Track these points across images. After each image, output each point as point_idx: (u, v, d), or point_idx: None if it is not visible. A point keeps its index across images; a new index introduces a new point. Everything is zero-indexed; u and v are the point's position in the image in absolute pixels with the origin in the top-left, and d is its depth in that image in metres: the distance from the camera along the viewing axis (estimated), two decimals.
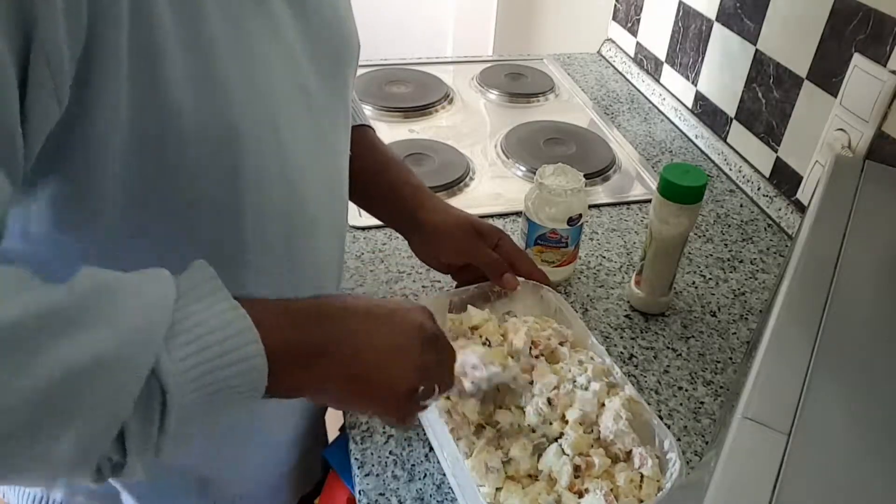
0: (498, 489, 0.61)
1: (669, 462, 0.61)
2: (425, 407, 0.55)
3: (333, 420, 0.89)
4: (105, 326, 0.37)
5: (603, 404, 0.65)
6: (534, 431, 0.64)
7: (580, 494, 0.60)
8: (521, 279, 0.76)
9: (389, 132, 1.21)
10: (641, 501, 0.60)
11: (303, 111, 0.58)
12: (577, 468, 0.61)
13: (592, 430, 0.64)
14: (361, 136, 0.79)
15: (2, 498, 0.72)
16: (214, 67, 0.47)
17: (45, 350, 0.34)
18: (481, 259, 0.74)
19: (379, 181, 0.78)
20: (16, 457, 0.35)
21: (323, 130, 0.62)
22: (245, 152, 0.51)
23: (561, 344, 0.71)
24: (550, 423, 0.64)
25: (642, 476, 0.61)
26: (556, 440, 0.63)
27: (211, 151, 0.49)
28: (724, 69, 1.18)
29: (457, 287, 0.78)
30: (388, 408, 0.52)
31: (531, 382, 0.66)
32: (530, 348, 0.68)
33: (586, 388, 0.65)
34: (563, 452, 0.62)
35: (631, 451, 0.63)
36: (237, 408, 0.43)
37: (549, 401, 0.64)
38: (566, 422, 0.64)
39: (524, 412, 0.65)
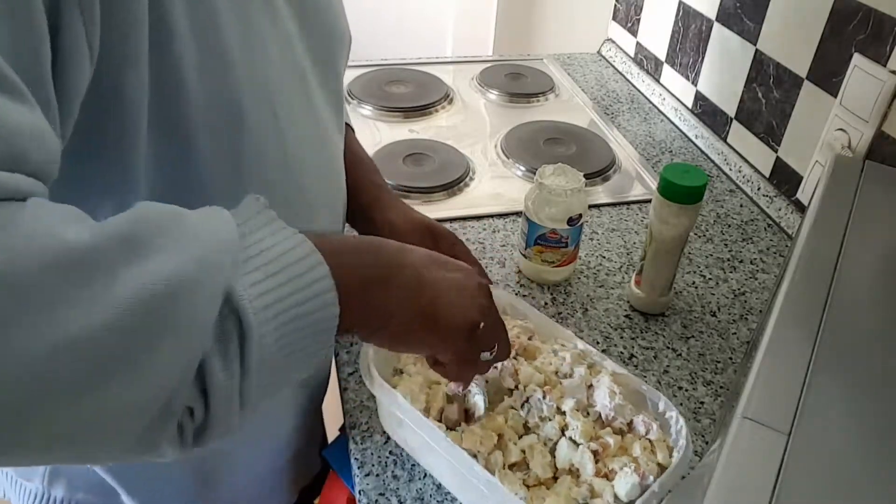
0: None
1: (671, 420, 0.63)
2: (484, 368, 0.55)
3: (333, 420, 0.89)
4: (177, 249, 0.35)
5: (590, 386, 0.66)
6: (531, 432, 0.64)
7: (607, 477, 0.60)
8: None
9: (389, 132, 1.21)
10: (660, 465, 0.61)
11: (300, 98, 0.58)
12: (594, 453, 0.61)
13: (589, 413, 0.65)
14: None
15: (3, 497, 0.72)
16: (220, 47, 0.47)
17: (122, 272, 0.33)
18: None
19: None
20: (100, 400, 0.33)
21: (318, 118, 0.62)
22: (247, 135, 0.51)
23: (529, 339, 0.71)
24: (550, 420, 0.64)
25: (650, 441, 0.63)
26: (562, 434, 0.63)
27: (216, 133, 0.49)
28: (724, 69, 1.18)
29: None
30: (449, 346, 0.51)
31: (516, 386, 0.67)
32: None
33: (571, 376, 0.66)
34: (576, 443, 0.62)
35: (632, 422, 0.64)
36: (313, 350, 0.41)
37: (544, 396, 0.64)
38: (563, 413, 0.64)
39: (521, 415, 0.65)
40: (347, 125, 0.83)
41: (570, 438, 0.63)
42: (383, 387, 0.62)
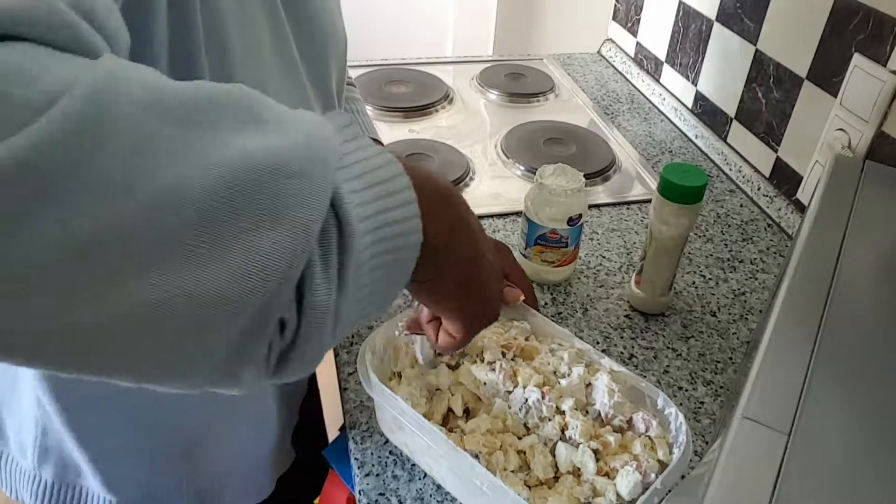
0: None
1: (670, 416, 0.63)
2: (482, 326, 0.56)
3: (334, 420, 0.89)
4: (284, 129, 0.31)
5: (588, 384, 0.66)
6: (531, 433, 0.64)
7: (608, 476, 0.60)
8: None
9: (389, 132, 1.21)
10: (661, 462, 0.61)
11: (293, 89, 0.59)
12: (595, 452, 0.61)
13: (588, 412, 0.65)
14: None
15: (16, 500, 0.73)
16: (224, 34, 0.48)
17: (225, 136, 0.29)
18: None
19: None
20: (192, 280, 0.28)
21: (311, 108, 0.62)
22: None
23: (526, 339, 0.71)
24: (550, 420, 0.64)
25: (650, 439, 0.63)
26: (562, 433, 0.63)
27: None
28: (724, 69, 1.18)
29: None
30: (477, 311, 0.51)
31: (515, 387, 0.66)
32: (503, 353, 0.68)
33: (569, 375, 0.67)
34: (576, 443, 0.62)
35: (631, 420, 0.64)
36: (393, 284, 0.38)
37: (543, 396, 0.64)
38: (562, 413, 0.64)
39: (520, 417, 0.65)
40: (378, 141, 0.83)
41: (570, 438, 0.63)
42: (383, 391, 0.62)
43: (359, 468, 0.67)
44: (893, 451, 0.43)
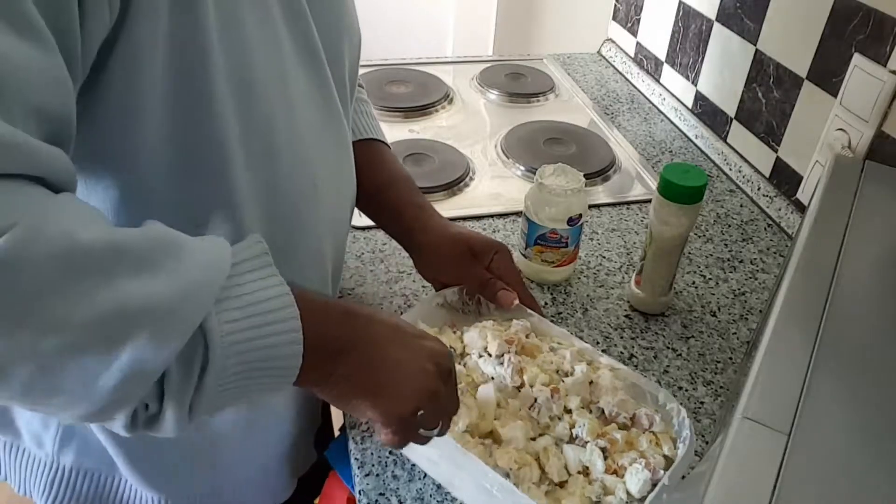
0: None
1: (672, 411, 0.63)
2: (425, 439, 0.55)
3: (334, 420, 0.89)
4: (167, 275, 0.39)
5: (590, 382, 0.66)
6: (544, 433, 0.64)
7: (616, 473, 0.61)
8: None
9: (389, 132, 1.20)
10: (666, 457, 0.61)
11: (312, 74, 0.59)
12: (603, 450, 0.62)
13: (592, 411, 0.65)
14: (374, 150, 0.81)
15: (25, 496, 0.73)
16: (238, 23, 0.49)
17: (108, 280, 0.37)
18: (470, 281, 0.75)
19: (383, 198, 0.79)
20: (65, 373, 0.37)
21: (331, 94, 0.63)
22: (255, 96, 0.53)
23: (527, 336, 0.71)
24: (560, 419, 0.64)
25: (654, 434, 0.63)
26: (571, 433, 0.64)
27: (231, 97, 0.50)
28: (724, 69, 1.18)
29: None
30: (387, 421, 0.53)
31: (522, 385, 0.66)
32: (507, 349, 0.68)
33: (573, 374, 0.67)
34: (583, 441, 0.63)
35: (635, 416, 0.64)
36: (267, 389, 0.45)
37: (552, 395, 0.64)
38: (569, 412, 0.65)
39: (533, 416, 0.65)
40: (383, 142, 0.84)
41: (577, 437, 0.63)
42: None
43: (359, 468, 0.67)
44: (893, 452, 0.43)
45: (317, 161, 0.62)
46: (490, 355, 0.68)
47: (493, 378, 0.67)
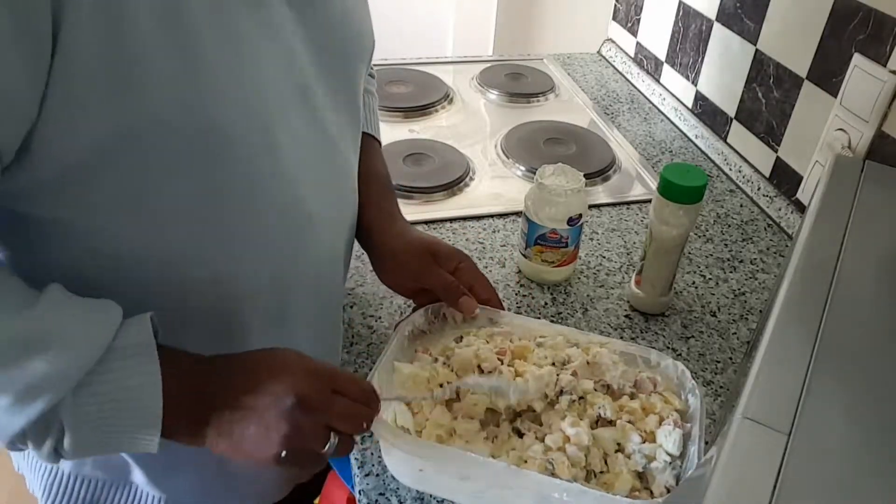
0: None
1: (667, 369, 0.67)
2: (323, 458, 0.54)
3: None
4: (57, 357, 0.46)
5: (588, 363, 0.67)
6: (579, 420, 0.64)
7: (645, 440, 0.62)
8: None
9: (389, 132, 1.21)
10: (679, 411, 0.64)
11: (301, 110, 0.58)
12: (630, 423, 0.64)
13: (598, 389, 0.66)
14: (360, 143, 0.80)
15: (32, 494, 0.73)
16: (198, 70, 0.48)
17: (8, 365, 0.46)
18: (433, 283, 0.71)
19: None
20: None
21: (324, 126, 0.62)
22: (231, 150, 0.52)
23: (511, 340, 0.70)
24: (583, 399, 0.65)
25: (661, 394, 0.66)
26: (598, 416, 0.64)
27: (192, 149, 0.50)
28: (724, 69, 1.18)
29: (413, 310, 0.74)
30: (268, 465, 0.53)
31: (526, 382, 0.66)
32: (500, 360, 0.67)
33: (571, 361, 0.67)
34: (606, 420, 0.63)
35: (636, 382, 0.66)
36: (130, 449, 0.51)
37: (562, 392, 0.64)
38: (582, 398, 0.65)
39: (562, 409, 0.64)
40: (373, 137, 0.82)
41: (600, 417, 0.63)
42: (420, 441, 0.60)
43: (359, 468, 0.67)
44: (893, 451, 0.43)
45: (309, 198, 0.61)
46: (483, 372, 0.66)
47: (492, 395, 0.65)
